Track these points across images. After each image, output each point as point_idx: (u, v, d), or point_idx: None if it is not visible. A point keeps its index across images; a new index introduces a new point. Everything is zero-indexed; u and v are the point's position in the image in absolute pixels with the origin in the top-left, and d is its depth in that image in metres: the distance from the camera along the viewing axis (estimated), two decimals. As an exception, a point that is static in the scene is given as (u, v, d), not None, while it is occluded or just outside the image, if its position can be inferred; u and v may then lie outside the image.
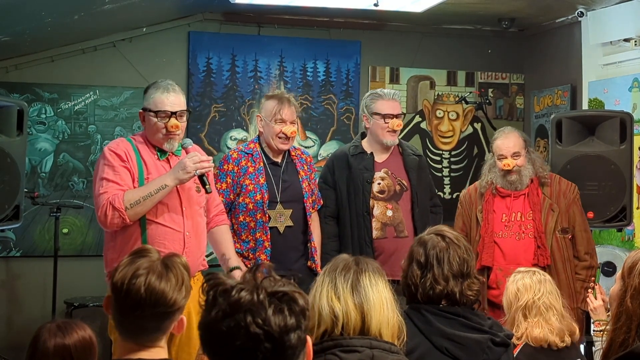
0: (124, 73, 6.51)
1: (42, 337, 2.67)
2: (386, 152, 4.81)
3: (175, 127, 3.90)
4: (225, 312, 1.63)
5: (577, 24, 6.39)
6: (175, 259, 2.30)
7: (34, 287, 6.34)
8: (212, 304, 1.66)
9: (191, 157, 3.82)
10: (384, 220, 4.70)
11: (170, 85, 3.98)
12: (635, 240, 5.74)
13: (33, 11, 4.96)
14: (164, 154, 3.98)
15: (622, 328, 2.31)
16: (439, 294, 2.79)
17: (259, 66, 6.81)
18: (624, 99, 5.85)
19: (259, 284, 1.67)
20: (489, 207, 4.62)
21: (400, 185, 4.76)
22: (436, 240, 2.85)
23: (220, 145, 6.66)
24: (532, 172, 4.60)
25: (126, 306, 2.22)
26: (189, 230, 3.92)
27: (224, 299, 1.65)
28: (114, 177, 3.82)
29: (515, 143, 4.59)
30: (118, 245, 3.87)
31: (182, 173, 3.80)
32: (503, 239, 4.56)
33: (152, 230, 3.85)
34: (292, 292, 1.69)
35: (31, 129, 6.19)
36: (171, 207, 3.89)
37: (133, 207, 3.75)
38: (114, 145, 3.94)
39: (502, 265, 4.50)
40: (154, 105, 3.92)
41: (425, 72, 7.17)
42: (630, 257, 2.44)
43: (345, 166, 4.75)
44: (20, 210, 4.47)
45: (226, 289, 1.67)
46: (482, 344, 2.74)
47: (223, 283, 1.68)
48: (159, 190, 3.78)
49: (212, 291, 1.68)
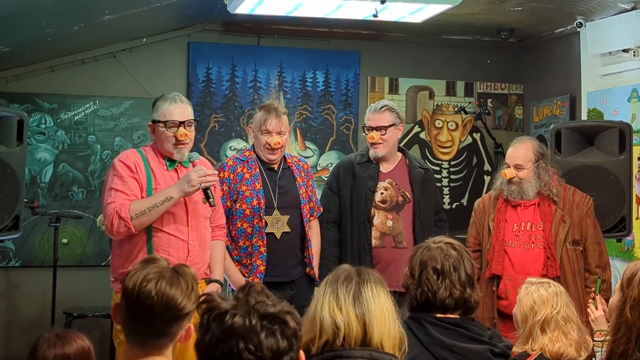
0: (124, 83, 6.52)
1: (41, 348, 2.67)
2: (392, 163, 4.83)
3: (184, 136, 4.02)
4: (218, 338, 1.67)
5: (576, 35, 6.40)
6: (185, 268, 2.35)
7: (33, 297, 6.34)
8: (206, 329, 1.70)
9: (197, 171, 3.94)
10: (383, 230, 4.71)
11: (177, 96, 4.10)
12: (635, 250, 5.74)
13: (33, 21, 4.97)
14: (172, 164, 4.08)
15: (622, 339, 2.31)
16: (456, 300, 2.80)
17: (259, 76, 6.83)
18: (623, 110, 5.85)
19: (251, 306, 1.69)
20: (501, 216, 4.59)
21: (403, 197, 4.76)
22: (446, 248, 2.87)
23: (220, 155, 6.67)
24: (536, 187, 4.53)
25: (137, 310, 2.24)
26: (193, 240, 4.02)
27: (217, 324, 1.68)
28: (122, 187, 3.93)
29: (521, 155, 4.54)
30: (124, 252, 3.98)
31: (187, 186, 3.91)
32: (512, 248, 4.52)
33: (158, 238, 3.96)
34: (284, 315, 1.72)
35: (31, 139, 6.20)
36: (177, 217, 4.00)
37: (138, 217, 3.87)
38: (124, 156, 4.06)
39: (511, 276, 4.46)
40: (163, 116, 4.03)
41: (425, 83, 7.19)
42: (629, 268, 2.44)
43: (350, 174, 4.78)
44: (19, 221, 4.47)
45: (220, 314, 1.70)
46: (481, 354, 2.74)
47: (217, 307, 1.70)
48: (165, 201, 3.90)
49: (206, 315, 1.70)
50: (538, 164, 4.54)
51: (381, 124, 4.72)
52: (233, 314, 1.68)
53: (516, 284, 4.41)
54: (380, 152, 4.75)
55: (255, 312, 1.68)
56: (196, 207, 4.07)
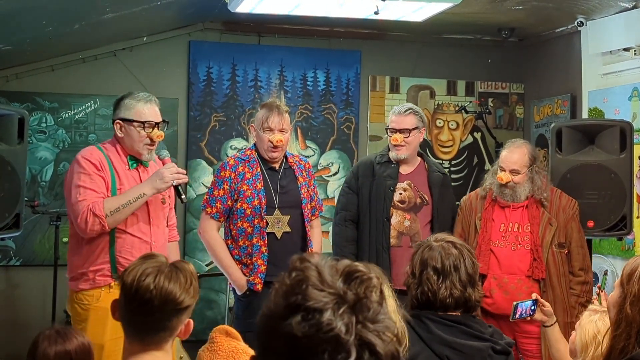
0: (125, 82, 6.51)
1: (42, 345, 2.67)
2: (411, 165, 4.87)
3: (160, 137, 4.03)
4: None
5: (576, 34, 6.40)
6: (183, 264, 2.36)
7: (34, 296, 6.34)
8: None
9: (168, 168, 3.94)
10: (400, 229, 4.75)
11: (150, 96, 4.10)
12: (636, 249, 5.74)
13: (34, 20, 4.97)
14: (134, 163, 4.06)
15: (622, 335, 2.30)
16: (457, 299, 2.80)
17: (259, 75, 6.83)
18: (624, 108, 5.85)
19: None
20: (488, 216, 4.63)
21: (421, 199, 4.80)
22: (447, 247, 2.86)
23: (221, 154, 6.67)
24: (529, 191, 4.57)
25: (135, 304, 2.25)
26: (155, 240, 4.04)
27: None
28: (91, 184, 3.89)
29: (518, 160, 4.57)
30: (84, 253, 3.95)
31: (160, 182, 3.91)
32: (499, 248, 4.56)
33: (122, 239, 3.95)
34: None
35: (31, 138, 6.20)
36: (140, 217, 3.99)
37: (113, 214, 3.84)
38: (87, 153, 3.99)
39: (497, 274, 4.51)
40: (138, 115, 4.01)
41: (425, 82, 7.19)
42: (629, 264, 2.43)
43: (370, 173, 4.83)
44: (20, 219, 4.46)
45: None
46: (482, 352, 2.74)
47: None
48: (138, 198, 3.89)
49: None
50: (532, 168, 4.58)
51: (405, 127, 4.76)
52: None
53: (501, 283, 4.51)
54: (403, 154, 4.78)
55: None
56: (157, 207, 4.08)
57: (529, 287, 4.44)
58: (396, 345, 1.36)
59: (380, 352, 1.32)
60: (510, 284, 4.48)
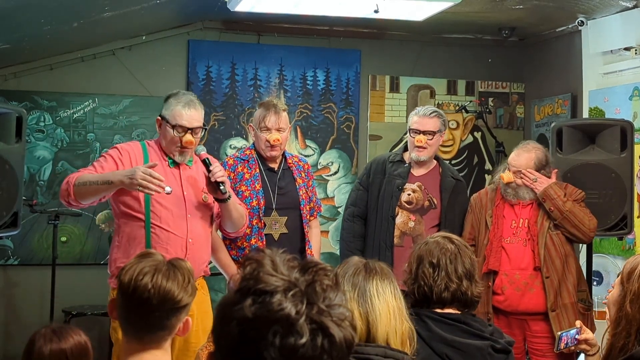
0: (123, 81, 6.50)
1: (37, 343, 2.65)
2: (426, 168, 4.86)
3: (189, 144, 3.96)
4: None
5: (577, 33, 6.39)
6: (180, 262, 2.35)
7: (32, 295, 6.32)
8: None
9: (145, 170, 3.73)
10: (404, 229, 4.75)
11: (192, 100, 4.02)
12: (636, 248, 5.73)
13: (32, 19, 4.95)
14: (173, 162, 4.04)
15: (622, 333, 2.30)
16: (453, 293, 2.79)
17: (259, 75, 6.81)
18: (625, 108, 5.84)
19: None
20: (499, 213, 4.62)
21: (429, 202, 4.79)
22: (443, 242, 2.88)
23: (220, 153, 6.65)
24: (533, 195, 4.56)
25: (133, 303, 2.24)
26: (191, 238, 3.98)
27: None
28: (97, 164, 3.93)
29: (523, 165, 4.56)
30: (123, 245, 3.94)
31: (126, 178, 3.73)
32: (510, 244, 4.55)
33: (156, 234, 3.91)
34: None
35: (30, 137, 6.18)
36: (176, 213, 3.95)
37: (79, 186, 3.79)
38: (124, 144, 4.08)
39: (508, 271, 4.50)
40: (172, 118, 3.96)
41: (425, 81, 7.17)
42: (629, 262, 2.42)
43: (381, 170, 4.85)
44: (18, 218, 4.44)
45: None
46: (482, 350, 2.73)
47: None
48: (104, 183, 3.79)
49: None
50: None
51: (429, 129, 4.75)
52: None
53: (512, 279, 4.50)
54: (424, 156, 4.77)
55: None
56: (195, 205, 4.04)
57: (540, 282, 4.42)
58: (351, 331, 1.38)
59: (334, 336, 1.34)
60: (522, 279, 4.47)
